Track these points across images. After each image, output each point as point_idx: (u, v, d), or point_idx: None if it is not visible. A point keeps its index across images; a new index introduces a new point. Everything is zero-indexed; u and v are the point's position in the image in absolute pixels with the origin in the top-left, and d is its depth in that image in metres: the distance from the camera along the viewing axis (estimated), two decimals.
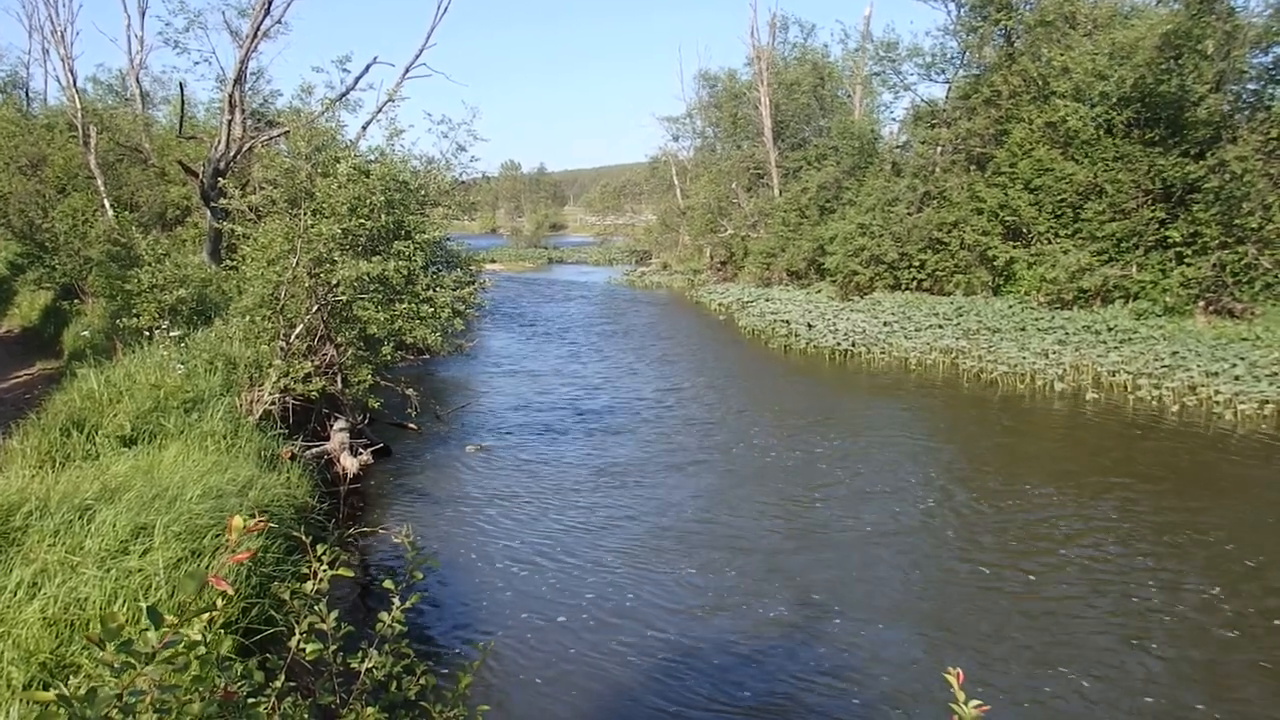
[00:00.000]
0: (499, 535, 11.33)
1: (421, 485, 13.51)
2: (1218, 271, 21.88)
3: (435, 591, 9.55)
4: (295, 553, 7.51)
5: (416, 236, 15.50)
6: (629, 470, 14.07)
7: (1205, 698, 7.34)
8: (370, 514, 12.07)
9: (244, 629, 6.20)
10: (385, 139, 18.64)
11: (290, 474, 10.52)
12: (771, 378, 22.19)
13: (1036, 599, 9.20)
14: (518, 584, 9.81)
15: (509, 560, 10.49)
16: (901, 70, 35.25)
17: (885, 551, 10.60)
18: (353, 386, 13.88)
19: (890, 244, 30.31)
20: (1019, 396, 18.67)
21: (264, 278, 13.30)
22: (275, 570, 7.46)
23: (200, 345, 13.11)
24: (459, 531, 11.47)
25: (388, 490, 13.25)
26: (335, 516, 11.22)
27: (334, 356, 13.84)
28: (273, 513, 8.65)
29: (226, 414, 10.85)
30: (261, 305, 13.45)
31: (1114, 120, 24.99)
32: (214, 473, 8.54)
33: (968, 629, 8.60)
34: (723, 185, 44.54)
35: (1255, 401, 16.33)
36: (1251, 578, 9.53)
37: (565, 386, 20.82)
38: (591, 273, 58.60)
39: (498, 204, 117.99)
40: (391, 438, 15.20)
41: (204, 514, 7.23)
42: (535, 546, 10.93)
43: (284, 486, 9.87)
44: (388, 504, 12.67)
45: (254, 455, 10.25)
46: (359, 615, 8.62)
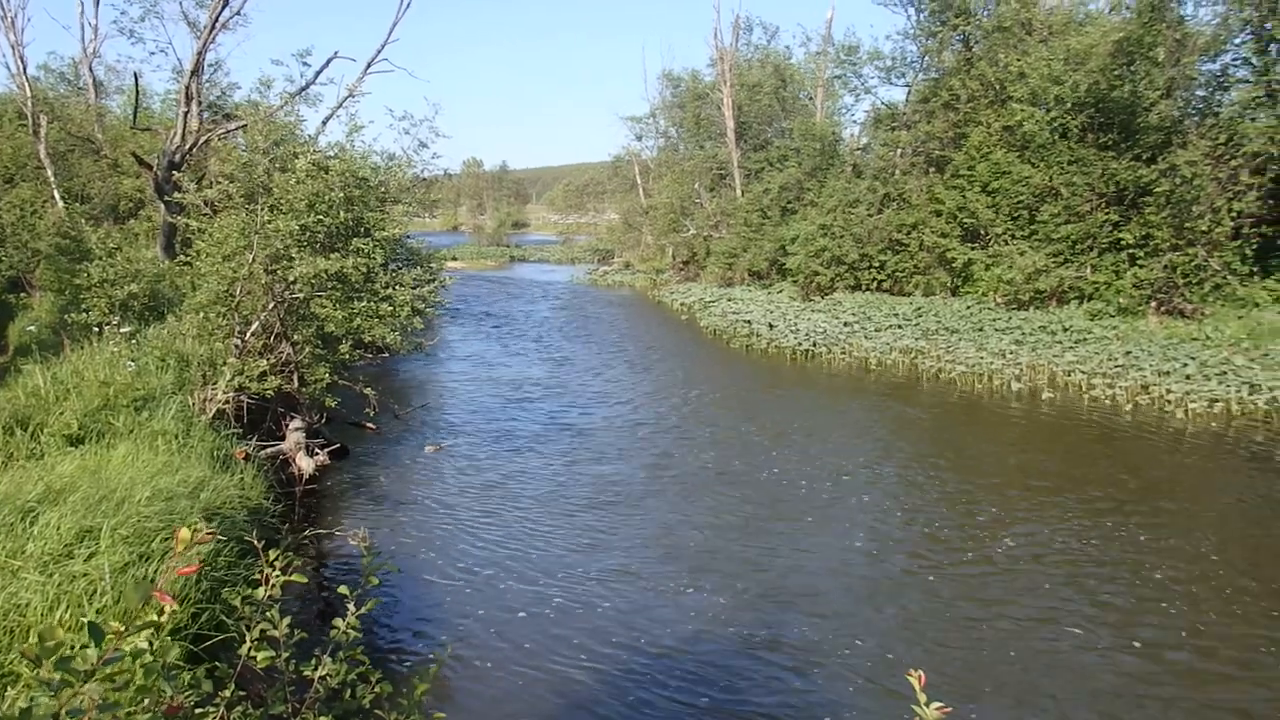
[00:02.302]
0: (458, 536, 11.24)
1: (379, 486, 13.37)
2: (1169, 273, 22.23)
3: (393, 595, 9.44)
4: (248, 556, 7.37)
5: (376, 234, 15.33)
6: (588, 470, 14.02)
7: (1159, 692, 7.44)
8: (326, 516, 11.92)
9: (193, 635, 6.06)
10: (345, 135, 18.40)
11: (244, 475, 10.33)
12: (732, 378, 22.22)
13: (993, 599, 9.28)
14: (477, 585, 9.73)
15: (468, 561, 10.40)
16: (862, 73, 35.57)
17: (846, 557, 10.63)
18: (309, 385, 13.70)
19: (851, 245, 30.52)
20: (977, 396, 18.85)
21: (219, 274, 13.09)
22: (227, 575, 7.31)
23: (152, 342, 12.88)
24: (417, 533, 11.37)
25: (345, 491, 13.10)
26: (290, 518, 11.08)
27: (290, 354, 13.66)
28: (225, 515, 8.50)
29: (178, 413, 10.64)
30: (216, 302, 13.25)
31: (1069, 125, 25.32)
32: (164, 474, 8.36)
33: (927, 630, 8.65)
34: (685, 185, 44.57)
35: (1205, 400, 16.61)
36: (1202, 574, 9.67)
37: (525, 386, 20.72)
38: (554, 271, 58.40)
39: (460, 201, 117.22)
40: (349, 437, 15.01)
41: (153, 516, 7.06)
42: (495, 547, 10.85)
43: (237, 488, 9.68)
44: (345, 505, 12.52)
45: (206, 455, 10.05)
46: (314, 620, 8.50)
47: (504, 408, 18.52)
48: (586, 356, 24.97)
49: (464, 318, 33.46)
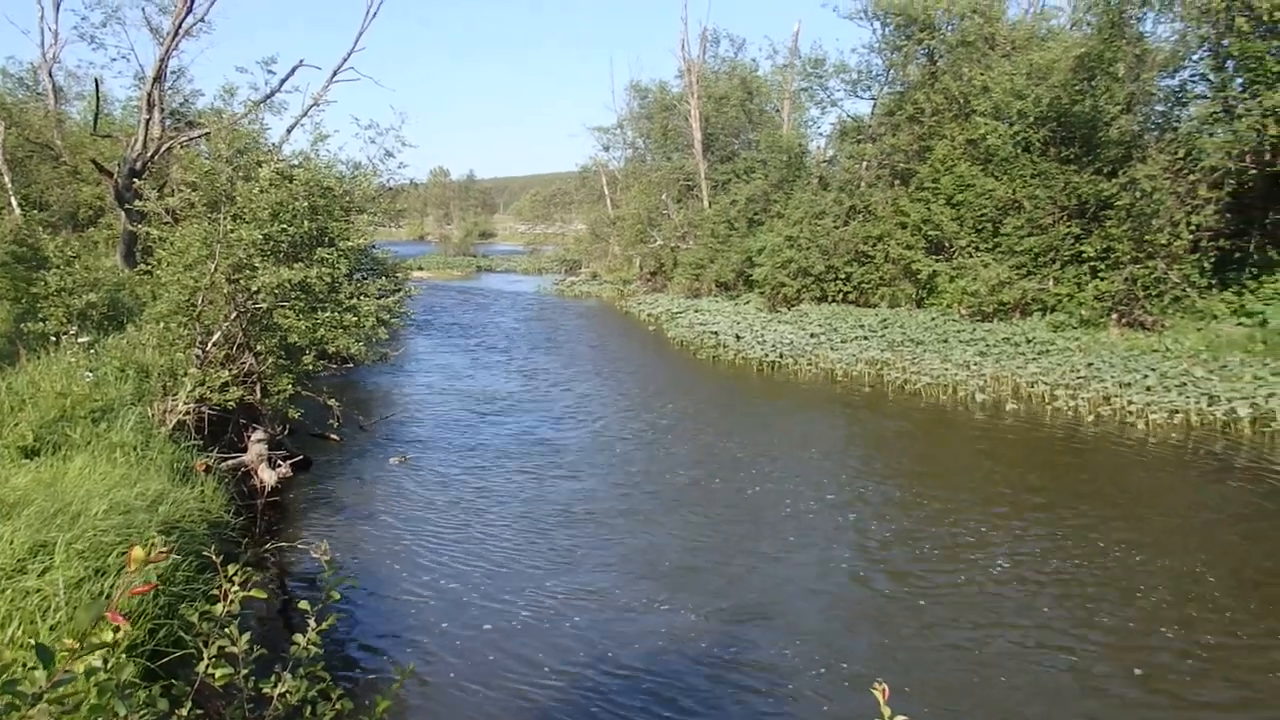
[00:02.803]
0: (423, 550, 11.12)
1: (343, 498, 13.21)
2: (1130, 285, 22.54)
3: (355, 609, 9.33)
4: (207, 570, 7.25)
5: (341, 243, 15.22)
6: (556, 484, 13.94)
7: (1136, 711, 7.49)
8: (288, 528, 11.76)
9: (150, 652, 5.95)
10: (310, 143, 18.29)
11: (204, 487, 10.20)
12: (700, 390, 22.24)
13: (965, 616, 9.30)
14: (441, 600, 9.62)
15: (433, 575, 10.29)
16: (828, 86, 35.82)
17: (818, 573, 10.62)
18: (272, 396, 13.56)
19: (817, 256, 30.69)
20: (942, 407, 18.98)
21: (180, 283, 12.95)
22: (185, 590, 7.20)
23: (111, 352, 12.69)
24: (381, 546, 11.24)
25: (307, 504, 12.93)
26: (252, 531, 10.94)
27: (253, 365, 13.53)
28: (184, 529, 8.37)
29: (138, 424, 10.48)
30: (177, 311, 13.10)
31: (1031, 138, 25.66)
32: (122, 486, 8.22)
33: (899, 648, 8.66)
34: (653, 196, 44.67)
35: (1165, 411, 16.82)
36: (1170, 587, 9.77)
37: (493, 398, 20.61)
38: (521, 281, 58.28)
39: (426, 211, 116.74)
40: (312, 449, 14.87)
41: (110, 530, 6.94)
42: (460, 562, 10.74)
43: (197, 501, 9.55)
44: (307, 518, 12.36)
45: (166, 468, 9.90)
46: (275, 636, 8.37)
47: (471, 420, 18.41)
48: (554, 368, 24.89)
49: (430, 328, 33.27)
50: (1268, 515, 12.01)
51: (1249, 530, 11.55)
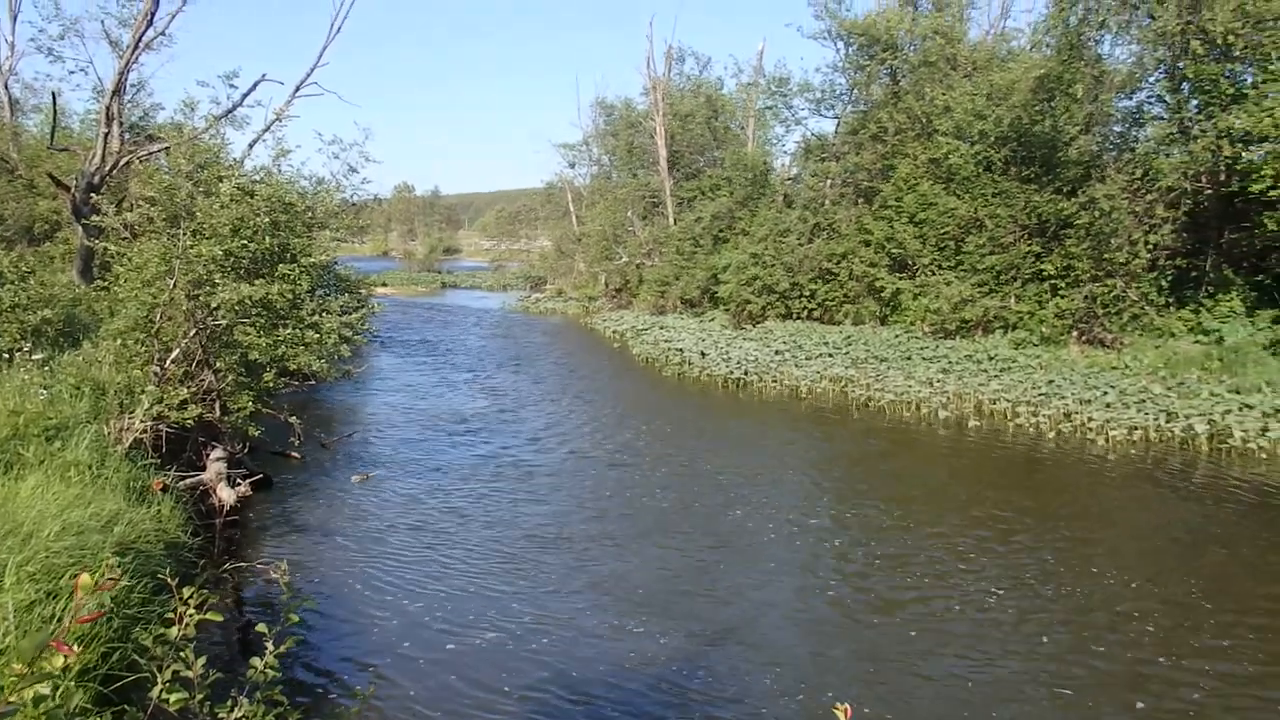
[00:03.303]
0: (384, 570, 10.97)
1: (303, 517, 13.02)
2: (1089, 303, 22.84)
3: (315, 630, 9.17)
4: (163, 592, 7.09)
5: (302, 260, 15.10)
6: (520, 504, 13.83)
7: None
8: (247, 548, 11.57)
9: (102, 676, 5.81)
10: (272, 159, 18.12)
11: (161, 507, 10.03)
12: (665, 407, 22.21)
13: (932, 633, 9.31)
14: (403, 620, 9.48)
15: (395, 595, 10.15)
16: (792, 105, 36.20)
17: (788, 595, 10.59)
18: (232, 414, 13.40)
19: (782, 274, 30.84)
20: (906, 424, 19.09)
21: (138, 299, 12.78)
22: (140, 612, 7.05)
23: (66, 369, 12.46)
24: (342, 566, 11.08)
25: (267, 523, 12.74)
26: (210, 552, 10.76)
27: (212, 382, 13.35)
28: (140, 550, 8.21)
29: (93, 443, 10.28)
30: (135, 328, 12.93)
31: (992, 158, 26.00)
32: (76, 506, 8.04)
33: (866, 669, 8.65)
34: (618, 213, 44.78)
35: (1125, 428, 17.03)
36: (1121, 597, 9.85)
37: (457, 415, 20.46)
38: (486, 298, 58.11)
39: (390, 226, 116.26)
40: (273, 467, 14.67)
41: (63, 552, 6.78)
42: (423, 581, 10.61)
43: (153, 521, 9.38)
44: (267, 537, 12.17)
45: (122, 487, 9.72)
46: (232, 659, 8.22)
47: (434, 438, 18.25)
48: (519, 385, 24.78)
49: (394, 345, 33.02)
50: (1236, 534, 12.15)
51: (1222, 550, 11.66)
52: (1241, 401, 17.06)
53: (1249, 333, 20.03)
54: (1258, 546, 11.57)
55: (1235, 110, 20.68)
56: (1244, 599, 9.83)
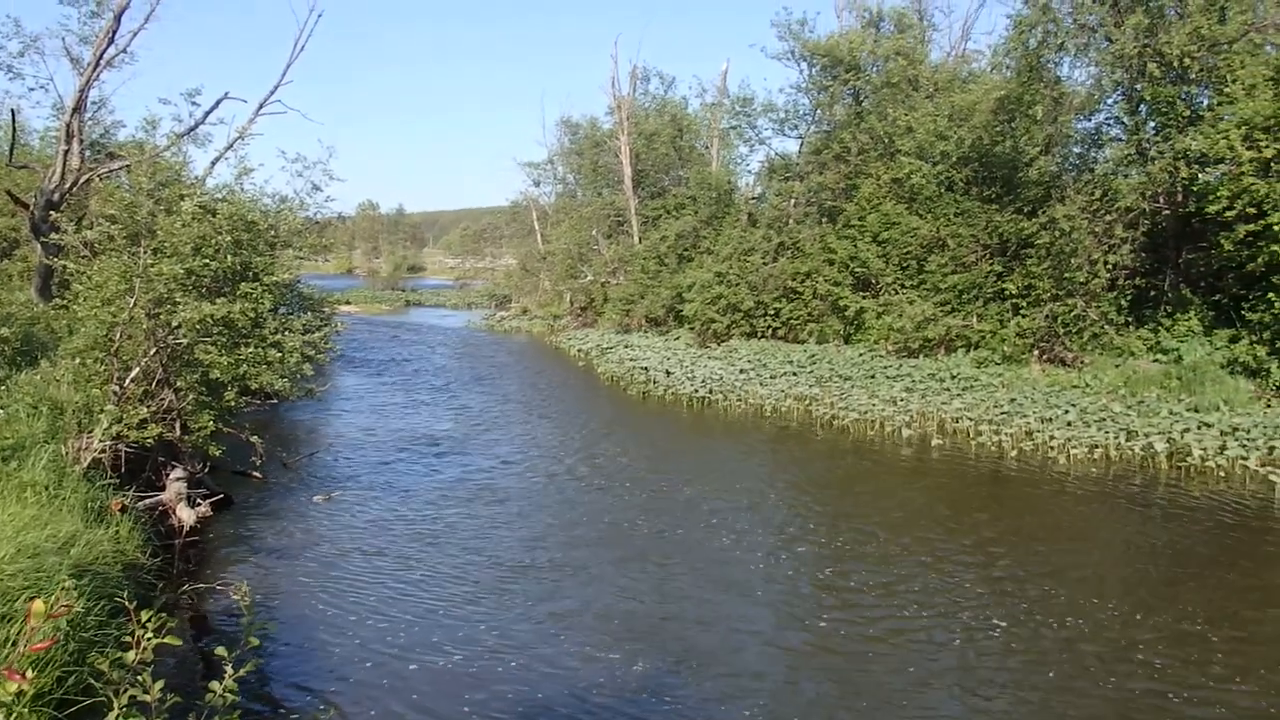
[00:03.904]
0: (347, 591, 10.81)
1: (265, 537, 12.83)
2: (1050, 322, 23.09)
3: (276, 653, 8.99)
4: (121, 615, 6.94)
5: (265, 278, 14.95)
6: (482, 524, 13.70)
7: None
8: (207, 569, 11.35)
9: (57, 701, 5.67)
10: (235, 176, 17.93)
11: (120, 528, 9.89)
12: (630, 426, 22.16)
13: (904, 659, 9.29)
14: (366, 642, 9.32)
15: (358, 617, 9.99)
16: (756, 125, 36.49)
17: (752, 619, 10.52)
18: (193, 433, 13.24)
19: (746, 293, 30.96)
20: (870, 443, 19.15)
21: (98, 318, 12.63)
22: (97, 635, 6.91)
23: (24, 388, 12.30)
24: (304, 587, 10.90)
25: (228, 543, 12.53)
26: (169, 573, 10.59)
27: (173, 401, 13.19)
28: (97, 572, 8.06)
29: (50, 463, 10.16)
30: (94, 347, 12.78)
31: (954, 178, 26.33)
32: (32, 528, 7.90)
33: (833, 694, 8.61)
34: (583, 231, 44.83)
35: (1085, 446, 17.19)
36: (1106, 624, 9.89)
37: (419, 433, 20.29)
38: (450, 316, 57.89)
39: (354, 244, 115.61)
40: (234, 487, 14.47)
41: (18, 575, 6.64)
42: (385, 602, 10.45)
43: (112, 542, 9.25)
44: (227, 558, 11.96)
45: (79, 508, 9.59)
46: (190, 683, 8.01)
47: (398, 457, 18.08)
48: (483, 404, 24.64)
49: (358, 363, 32.76)
50: (1206, 555, 12.28)
51: (1188, 569, 11.79)
52: (1200, 420, 17.29)
53: (1207, 352, 20.34)
54: (1233, 568, 11.70)
55: (1191, 132, 21.06)
56: (1238, 624, 9.83)
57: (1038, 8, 23.41)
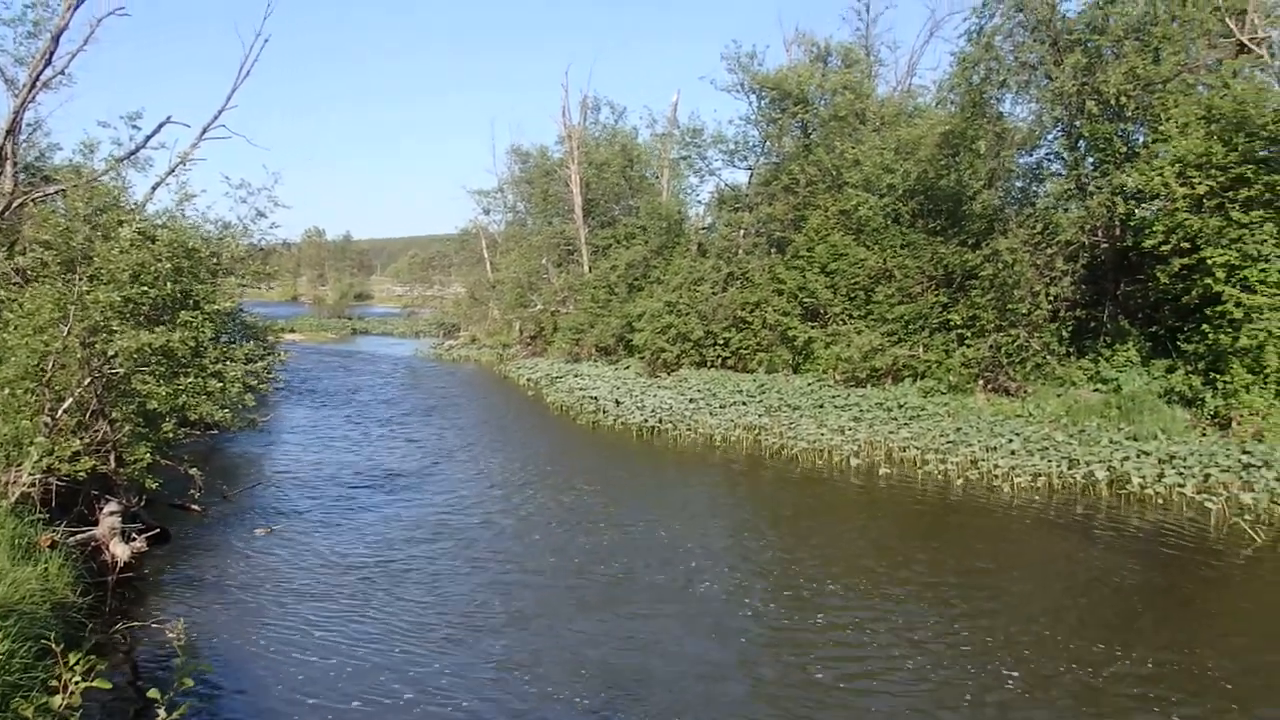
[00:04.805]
0: (288, 628, 10.56)
1: (203, 572, 12.52)
2: (994, 352, 23.41)
3: (213, 694, 8.74)
4: (49, 656, 6.68)
5: (206, 306, 14.70)
6: (432, 558, 13.51)
7: None
8: (142, 608, 11.04)
9: None
10: (176, 202, 17.63)
11: (49, 564, 9.57)
12: (578, 458, 22.04)
13: (867, 707, 9.28)
14: (308, 681, 9.10)
15: (300, 655, 9.76)
16: (706, 155, 36.71)
17: (727, 663, 10.49)
18: (128, 466, 12.92)
19: (696, 322, 31.04)
20: (818, 472, 19.21)
21: (29, 346, 12.27)
22: (21, 679, 6.64)
23: None
24: (243, 625, 10.63)
25: (164, 580, 12.22)
26: (101, 612, 10.28)
27: (108, 433, 12.86)
28: (23, 611, 7.78)
29: None
30: (25, 376, 12.42)
31: (900, 210, 26.70)
32: None
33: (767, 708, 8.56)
34: (533, 260, 44.73)
35: (1029, 474, 17.39)
36: (1043, 651, 9.97)
37: (366, 466, 20.01)
38: (398, 345, 57.39)
39: (300, 271, 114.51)
40: (171, 520, 14.14)
41: None
42: (329, 639, 10.23)
43: (40, 580, 8.95)
44: (163, 595, 11.65)
45: (6, 544, 9.29)
46: None
47: (343, 489, 17.79)
48: (432, 435, 24.37)
49: (303, 393, 32.28)
50: (1141, 581, 12.44)
51: (1130, 596, 11.93)
52: (1139, 448, 17.59)
53: (1144, 381, 20.73)
54: (1173, 593, 11.87)
55: (1128, 168, 21.58)
56: (1180, 646, 10.00)
57: (980, 45, 23.93)
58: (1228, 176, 18.92)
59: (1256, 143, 18.70)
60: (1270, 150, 18.77)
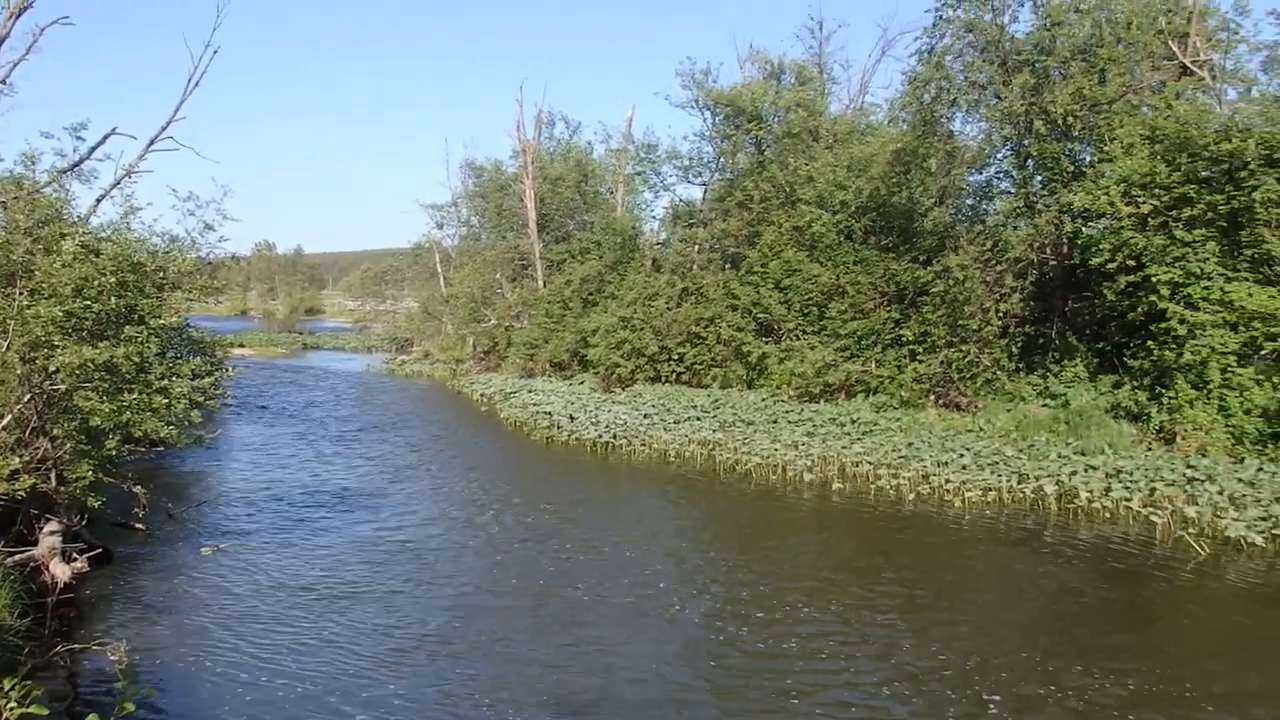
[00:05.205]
0: (234, 647, 10.34)
1: (147, 593, 12.23)
2: (945, 368, 23.66)
3: (157, 716, 8.52)
4: None
5: (151, 321, 14.40)
6: (380, 574, 13.32)
7: None
8: (83, 629, 10.74)
9: None
10: (121, 215, 17.26)
11: None
12: (532, 474, 21.91)
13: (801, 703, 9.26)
14: (254, 699, 8.90)
15: (248, 677, 9.54)
16: (661, 171, 36.95)
17: (665, 673, 10.43)
18: (69, 484, 12.59)
19: (651, 337, 31.06)
20: (772, 488, 19.24)
21: None
22: None
23: None
24: (187, 647, 10.38)
25: (106, 601, 11.91)
26: (40, 634, 9.96)
27: (49, 450, 12.53)
28: None
29: None
30: None
31: (853, 227, 26.96)
32: None
33: None
34: (487, 275, 44.55)
35: (979, 489, 17.57)
36: (995, 665, 10.03)
37: (317, 484, 19.70)
38: (350, 360, 56.79)
39: (249, 285, 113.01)
40: (115, 539, 13.86)
41: None
42: (275, 659, 10.02)
43: None
44: (105, 617, 11.36)
45: None
46: None
47: (294, 508, 17.49)
48: (384, 452, 24.07)
49: (252, 409, 31.77)
50: (1089, 593, 12.58)
51: (1078, 608, 12.06)
52: (1086, 463, 17.84)
53: (1092, 397, 21.06)
54: (1118, 604, 12.01)
55: (1075, 187, 21.97)
56: (1125, 654, 10.10)
57: (931, 65, 24.27)
58: (1171, 196, 19.34)
59: (1199, 163, 19.15)
60: (1212, 170, 19.23)
